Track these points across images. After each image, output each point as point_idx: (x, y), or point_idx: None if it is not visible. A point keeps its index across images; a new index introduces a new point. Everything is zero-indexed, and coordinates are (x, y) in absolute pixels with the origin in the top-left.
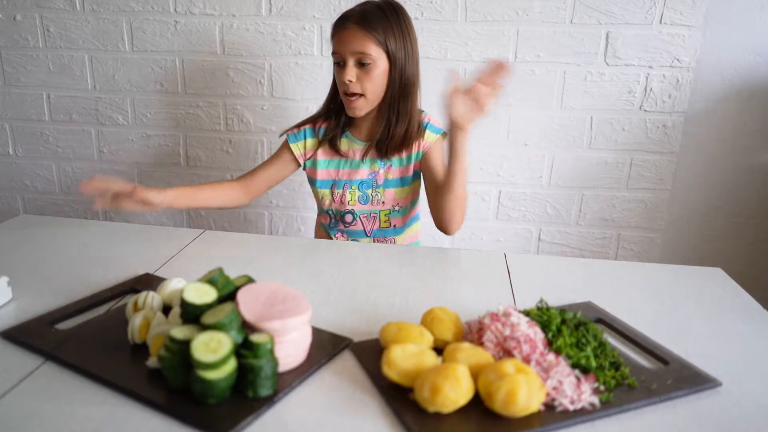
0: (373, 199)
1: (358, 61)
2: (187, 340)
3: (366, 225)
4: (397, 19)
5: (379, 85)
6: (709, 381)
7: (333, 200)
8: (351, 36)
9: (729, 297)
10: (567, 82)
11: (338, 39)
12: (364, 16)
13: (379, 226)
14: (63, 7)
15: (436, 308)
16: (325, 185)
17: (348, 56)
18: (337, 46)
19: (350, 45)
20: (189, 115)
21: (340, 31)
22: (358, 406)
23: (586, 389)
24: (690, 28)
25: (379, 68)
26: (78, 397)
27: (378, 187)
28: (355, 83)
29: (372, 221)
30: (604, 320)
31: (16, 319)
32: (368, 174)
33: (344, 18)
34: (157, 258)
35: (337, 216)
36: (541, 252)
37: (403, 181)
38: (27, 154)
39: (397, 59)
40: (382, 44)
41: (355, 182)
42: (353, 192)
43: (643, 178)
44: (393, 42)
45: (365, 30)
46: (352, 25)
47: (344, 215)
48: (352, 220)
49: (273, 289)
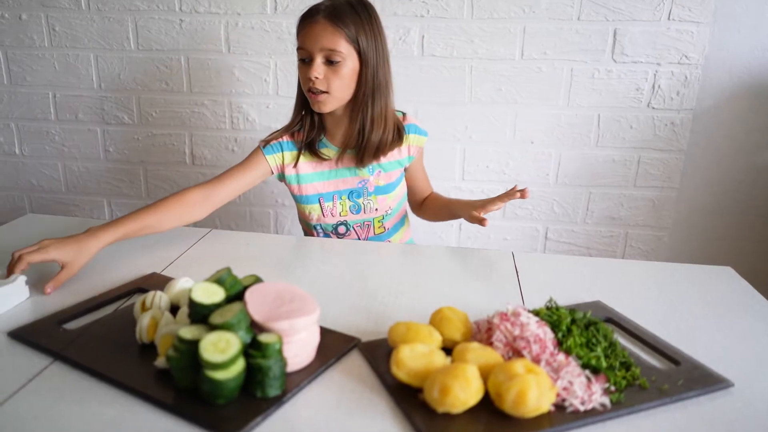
0: (366, 207)
1: (327, 58)
2: (196, 340)
3: (360, 234)
4: (368, 17)
5: (347, 85)
6: (721, 381)
7: (323, 214)
8: (321, 31)
9: (739, 296)
10: (574, 79)
11: (306, 33)
12: (335, 11)
13: (373, 233)
14: (68, 7)
15: (445, 308)
16: (313, 200)
17: (316, 53)
18: (304, 41)
19: (319, 41)
20: (194, 113)
21: (308, 26)
22: (367, 407)
23: (597, 390)
24: (698, 25)
25: (348, 67)
26: (87, 397)
27: (369, 195)
28: (321, 80)
29: (366, 230)
30: (613, 320)
31: (24, 319)
32: (357, 183)
33: (313, 11)
34: (164, 257)
35: (326, 230)
36: (548, 250)
37: (393, 184)
38: (33, 153)
39: (368, 59)
40: (353, 42)
41: (344, 192)
42: (343, 203)
43: (651, 176)
44: (364, 40)
45: (336, 25)
46: (321, 20)
47: (337, 227)
48: (346, 230)
49: (281, 289)
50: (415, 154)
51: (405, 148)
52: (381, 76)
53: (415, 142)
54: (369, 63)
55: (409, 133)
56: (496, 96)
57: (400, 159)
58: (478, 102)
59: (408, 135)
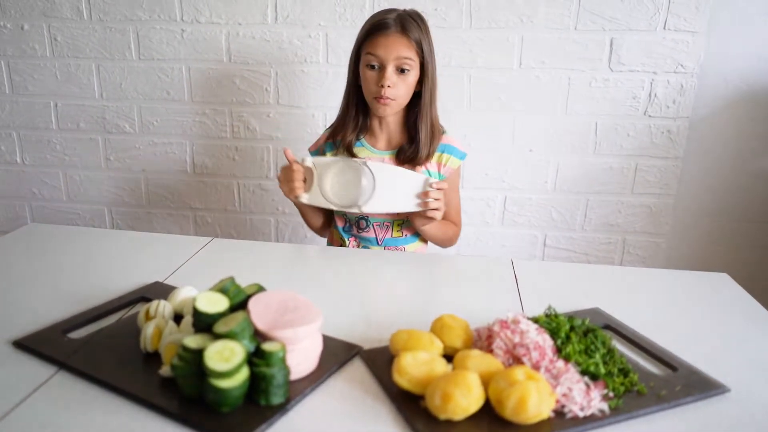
0: None
1: (398, 67)
2: (200, 349)
3: (378, 233)
4: (426, 28)
5: (409, 92)
6: (718, 387)
7: None
8: (396, 41)
9: (735, 302)
10: (572, 88)
11: (380, 43)
12: (405, 23)
13: (391, 234)
14: (70, 17)
15: (446, 315)
16: None
17: (390, 61)
18: (377, 49)
19: (395, 50)
20: (195, 122)
21: (382, 37)
22: (369, 414)
23: (596, 396)
24: (694, 34)
25: (413, 75)
26: (92, 407)
27: None
28: (393, 88)
29: (384, 230)
30: (611, 326)
31: (28, 329)
32: None
33: (385, 24)
34: (167, 266)
35: (352, 220)
36: (546, 257)
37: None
38: (34, 162)
39: (428, 67)
40: (419, 53)
41: None
42: None
43: (648, 183)
44: (427, 50)
45: (408, 37)
46: (395, 32)
47: (359, 221)
48: (366, 226)
49: (284, 298)
50: (446, 174)
51: (436, 163)
52: (436, 83)
53: (447, 162)
54: (428, 72)
55: (444, 152)
56: (494, 104)
57: (432, 172)
58: (477, 110)
59: (443, 154)
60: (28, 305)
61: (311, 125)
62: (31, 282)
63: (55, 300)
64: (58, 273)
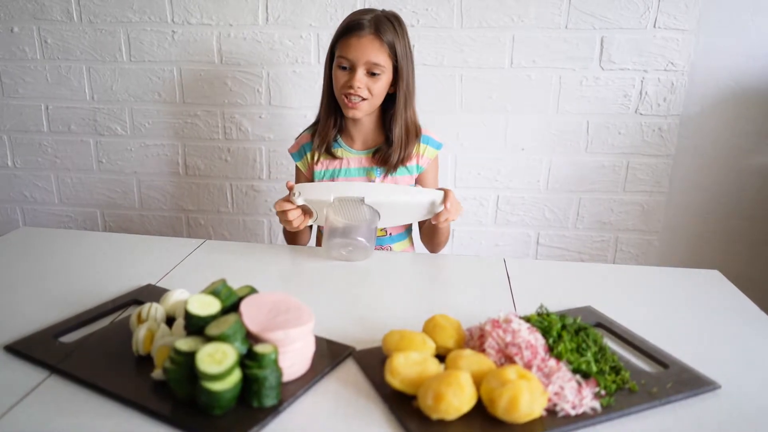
0: None
1: (369, 70)
2: (192, 351)
3: None
4: (403, 32)
5: (381, 94)
6: (709, 384)
7: None
8: (368, 45)
9: (726, 299)
10: (563, 86)
11: (351, 45)
12: (379, 26)
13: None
14: (60, 19)
15: (438, 315)
16: None
17: (361, 64)
18: (349, 51)
19: (365, 54)
20: (187, 124)
21: (354, 38)
22: (362, 415)
23: (588, 394)
24: (684, 32)
25: (385, 79)
26: (84, 410)
27: None
28: (362, 89)
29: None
30: (603, 324)
31: (19, 333)
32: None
33: (358, 25)
34: (159, 269)
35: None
36: (539, 256)
37: None
38: (26, 165)
39: (402, 71)
40: (392, 56)
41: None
42: None
43: (640, 181)
44: (401, 54)
45: (381, 41)
46: (368, 35)
47: None
48: None
49: (276, 300)
50: (425, 164)
51: (415, 156)
52: (411, 86)
53: (425, 153)
54: (403, 75)
55: (422, 143)
56: (486, 104)
57: (409, 166)
58: (469, 110)
59: (420, 144)
60: (19, 309)
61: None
62: (22, 286)
63: (46, 304)
64: (50, 276)
